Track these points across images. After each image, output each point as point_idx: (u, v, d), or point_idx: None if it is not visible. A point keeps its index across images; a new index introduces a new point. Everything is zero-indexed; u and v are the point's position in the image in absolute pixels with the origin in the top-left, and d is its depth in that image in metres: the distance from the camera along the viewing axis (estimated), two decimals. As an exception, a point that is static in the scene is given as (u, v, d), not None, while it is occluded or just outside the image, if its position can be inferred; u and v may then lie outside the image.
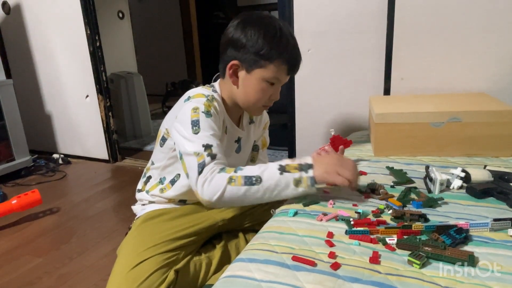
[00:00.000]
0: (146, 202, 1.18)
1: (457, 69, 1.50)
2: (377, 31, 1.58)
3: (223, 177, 0.88)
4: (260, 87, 1.02)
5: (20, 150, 2.35)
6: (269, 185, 0.88)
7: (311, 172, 0.89)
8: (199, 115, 0.97)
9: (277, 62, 0.99)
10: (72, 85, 2.52)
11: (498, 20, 1.40)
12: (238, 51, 1.00)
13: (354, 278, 0.66)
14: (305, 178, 0.89)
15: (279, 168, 0.90)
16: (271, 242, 0.80)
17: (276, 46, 0.98)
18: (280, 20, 1.03)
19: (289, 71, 1.03)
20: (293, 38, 1.02)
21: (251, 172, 0.89)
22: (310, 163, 0.91)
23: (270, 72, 1.00)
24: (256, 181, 0.88)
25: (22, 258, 1.49)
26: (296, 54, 1.03)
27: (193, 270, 1.06)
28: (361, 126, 1.69)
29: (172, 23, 4.55)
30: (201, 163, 0.90)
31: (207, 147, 0.93)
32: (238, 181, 0.88)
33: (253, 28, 0.98)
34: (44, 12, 2.43)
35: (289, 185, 0.89)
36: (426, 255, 0.70)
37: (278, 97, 1.09)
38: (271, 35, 0.98)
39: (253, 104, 1.07)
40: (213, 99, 1.03)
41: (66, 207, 1.92)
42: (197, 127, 0.95)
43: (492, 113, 1.18)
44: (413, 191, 0.98)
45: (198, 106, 0.98)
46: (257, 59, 0.99)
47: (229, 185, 0.87)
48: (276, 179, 0.88)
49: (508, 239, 0.75)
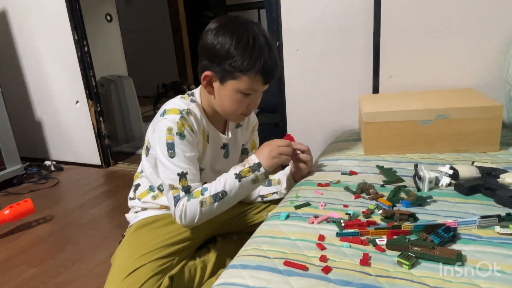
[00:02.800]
0: (138, 209, 1.18)
1: (444, 66, 1.52)
2: (364, 29, 1.59)
3: (194, 204, 0.99)
4: (235, 98, 1.01)
5: (11, 158, 2.33)
6: (235, 193, 1.01)
7: (262, 169, 1.02)
8: (173, 138, 0.99)
9: (251, 74, 0.96)
10: (62, 91, 2.50)
11: (484, 17, 1.42)
12: (211, 62, 0.99)
13: (345, 281, 0.67)
14: (260, 176, 1.03)
15: (236, 177, 1.01)
16: (263, 247, 0.81)
17: (248, 57, 0.95)
18: (257, 26, 0.99)
19: (264, 81, 1.00)
20: (268, 46, 0.98)
21: (216, 189, 1.00)
22: (257, 162, 1.03)
23: (244, 83, 0.98)
24: (223, 195, 1.00)
25: (17, 269, 1.49)
26: (271, 64, 0.98)
27: (188, 275, 1.07)
28: (352, 125, 1.71)
29: (161, 23, 4.52)
30: (176, 197, 1.00)
31: (182, 175, 1.00)
32: (208, 202, 0.99)
33: (226, 36, 0.96)
34: (30, 18, 2.40)
35: (249, 186, 1.04)
36: (415, 255, 0.71)
37: (257, 105, 1.08)
38: (243, 45, 0.95)
39: (231, 114, 1.06)
40: (189, 113, 1.02)
41: (59, 215, 1.91)
42: (172, 150, 1.00)
43: (479, 109, 1.20)
44: (402, 190, 0.99)
45: (172, 127, 0.99)
46: (230, 70, 0.97)
47: (202, 208, 0.99)
48: (238, 187, 1.01)
49: (495, 236, 0.77)
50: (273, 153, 1.04)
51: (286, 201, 1.03)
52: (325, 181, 1.10)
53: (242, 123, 1.23)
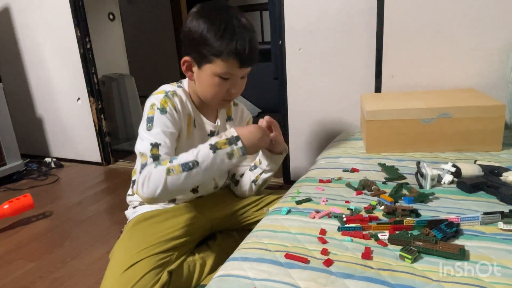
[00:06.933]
0: (136, 203, 1.18)
1: (446, 66, 1.52)
2: (367, 29, 1.59)
3: (161, 171, 0.91)
4: (213, 82, 1.01)
5: (11, 155, 2.33)
6: (206, 165, 0.92)
7: (240, 143, 0.94)
8: (154, 112, 1.01)
9: (225, 57, 0.96)
10: (63, 88, 2.50)
11: (486, 17, 1.41)
12: (188, 47, 1.02)
13: (347, 274, 0.67)
14: (236, 150, 0.94)
15: (211, 148, 0.93)
16: (264, 240, 0.80)
17: (220, 40, 0.95)
18: (233, 10, 1.01)
19: (240, 64, 0.99)
20: (244, 29, 0.98)
21: (187, 158, 0.92)
22: (236, 135, 0.95)
23: (219, 67, 0.98)
24: (193, 165, 0.91)
25: (15, 263, 1.48)
26: (244, 47, 0.97)
27: (187, 271, 1.06)
28: (353, 124, 1.70)
29: (163, 23, 4.53)
30: (143, 164, 0.94)
31: (155, 145, 0.97)
32: (176, 170, 0.91)
33: (200, 21, 0.97)
34: (33, 14, 2.41)
35: (224, 161, 0.94)
36: (417, 249, 0.71)
37: (240, 91, 1.07)
38: (216, 29, 0.95)
39: (211, 99, 1.07)
40: (174, 95, 1.05)
41: (59, 211, 1.91)
42: (151, 123, 1.00)
43: (481, 108, 1.19)
44: (404, 187, 0.99)
45: (154, 103, 1.02)
46: (205, 54, 0.98)
47: (168, 176, 0.90)
48: (211, 158, 0.93)
49: (498, 232, 0.76)
50: (257, 133, 0.98)
51: (287, 196, 1.02)
52: (327, 178, 1.09)
53: (234, 117, 1.22)
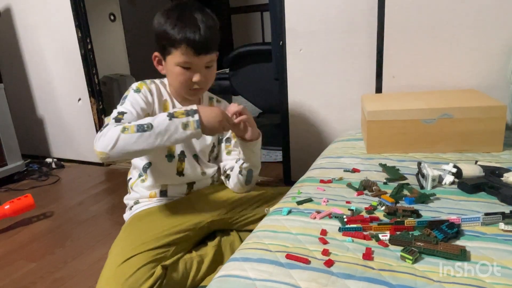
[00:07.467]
0: (132, 203, 1.21)
1: (447, 66, 1.51)
2: (368, 30, 1.59)
3: (117, 129, 0.94)
4: (176, 72, 1.08)
5: (12, 155, 2.33)
6: (160, 130, 0.94)
7: (196, 116, 0.96)
8: (129, 92, 1.10)
9: (179, 46, 1.03)
10: (64, 89, 2.51)
11: (487, 17, 1.41)
12: (156, 42, 1.09)
13: (348, 275, 0.66)
14: (192, 122, 0.96)
15: (168, 115, 0.96)
16: (265, 241, 0.80)
17: (173, 30, 1.03)
18: (191, 4, 1.07)
19: (195, 53, 1.04)
20: (196, 19, 1.03)
21: (143, 120, 0.96)
22: (195, 109, 0.98)
23: (177, 57, 1.05)
24: (147, 127, 0.94)
25: (16, 263, 1.48)
26: (197, 35, 1.02)
27: (183, 268, 1.07)
28: (354, 125, 1.70)
29: (164, 24, 4.53)
30: (105, 125, 0.98)
31: (120, 113, 1.02)
32: (131, 129, 0.93)
33: (162, 17, 1.06)
34: (34, 15, 2.41)
35: (178, 129, 0.95)
36: (418, 250, 0.70)
37: (206, 80, 1.11)
38: (172, 21, 1.03)
39: (179, 89, 1.14)
40: (152, 83, 1.15)
41: (60, 211, 1.91)
42: (124, 100, 1.08)
43: (482, 108, 1.19)
44: (405, 188, 0.99)
45: (132, 87, 1.12)
46: (165, 46, 1.07)
47: (122, 134, 0.92)
48: (166, 124, 0.94)
49: (499, 233, 0.76)
50: (219, 117, 0.99)
51: (288, 196, 1.02)
52: (328, 178, 1.09)
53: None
